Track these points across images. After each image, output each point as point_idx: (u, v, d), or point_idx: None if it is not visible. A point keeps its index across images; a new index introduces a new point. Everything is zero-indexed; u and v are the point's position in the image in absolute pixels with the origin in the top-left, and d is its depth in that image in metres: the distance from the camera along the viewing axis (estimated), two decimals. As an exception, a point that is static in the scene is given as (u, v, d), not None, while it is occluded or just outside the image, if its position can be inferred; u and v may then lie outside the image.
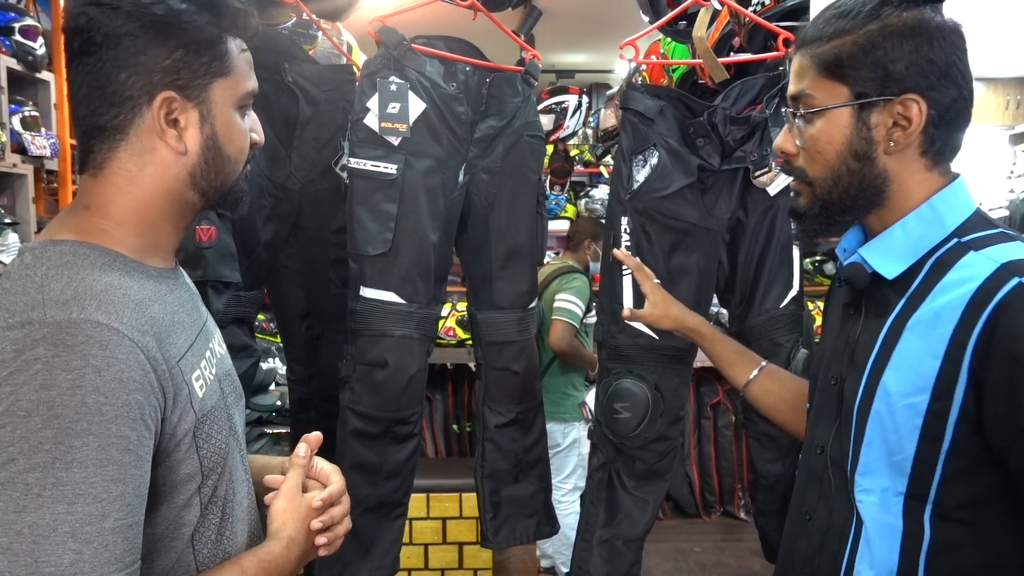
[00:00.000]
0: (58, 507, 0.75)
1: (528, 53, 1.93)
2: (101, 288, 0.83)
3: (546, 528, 2.07)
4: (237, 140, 0.96)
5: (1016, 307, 0.84)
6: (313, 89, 1.85)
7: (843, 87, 0.96)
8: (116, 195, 0.91)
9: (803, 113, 0.99)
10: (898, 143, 0.95)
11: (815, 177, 1.00)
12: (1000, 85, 6.16)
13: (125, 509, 0.79)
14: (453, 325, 3.51)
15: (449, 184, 1.81)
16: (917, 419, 0.91)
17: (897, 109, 0.94)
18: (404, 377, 1.76)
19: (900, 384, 0.92)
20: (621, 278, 1.81)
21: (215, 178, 0.95)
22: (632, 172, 1.81)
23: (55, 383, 0.76)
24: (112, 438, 0.78)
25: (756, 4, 1.84)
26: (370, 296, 1.75)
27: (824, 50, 0.96)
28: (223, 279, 1.64)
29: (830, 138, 0.97)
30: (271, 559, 0.94)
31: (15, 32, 2.93)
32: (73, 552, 0.75)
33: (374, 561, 1.83)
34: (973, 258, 0.91)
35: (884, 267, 0.97)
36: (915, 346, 0.92)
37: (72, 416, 0.76)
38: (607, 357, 1.86)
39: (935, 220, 0.96)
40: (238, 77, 0.94)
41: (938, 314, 0.90)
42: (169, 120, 0.90)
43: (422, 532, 3.25)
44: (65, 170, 3.26)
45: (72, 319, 0.79)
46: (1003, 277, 0.87)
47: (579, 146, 5.77)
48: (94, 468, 0.77)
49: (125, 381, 0.79)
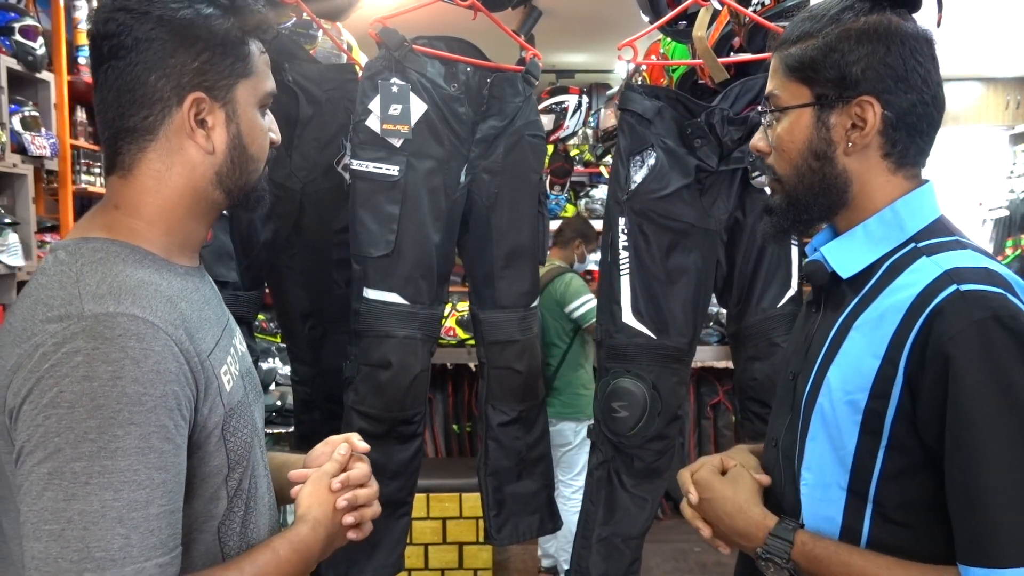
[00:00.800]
0: (105, 494, 0.78)
1: (528, 53, 1.94)
2: (135, 283, 0.86)
3: (549, 525, 2.08)
4: (259, 139, 0.99)
5: (949, 311, 0.86)
6: (314, 88, 1.85)
7: (805, 88, 0.99)
8: (145, 195, 0.94)
9: (771, 112, 1.03)
10: (855, 144, 0.97)
11: (782, 174, 1.03)
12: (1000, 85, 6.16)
13: (167, 496, 0.82)
14: (453, 325, 3.51)
15: (451, 184, 1.81)
16: (857, 416, 0.93)
17: (854, 111, 0.96)
18: (408, 377, 1.77)
19: (842, 381, 0.95)
20: (619, 278, 1.82)
21: (240, 176, 0.98)
22: (630, 173, 1.81)
23: (96, 374, 0.79)
24: (152, 427, 0.81)
25: (756, 4, 1.84)
26: (373, 297, 1.75)
27: (791, 52, 0.99)
28: (219, 279, 1.63)
29: (792, 137, 1.00)
30: (300, 539, 0.97)
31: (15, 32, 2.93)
32: (122, 537, 0.78)
33: (379, 560, 1.84)
34: (923, 263, 0.93)
35: (841, 266, 1.00)
36: (859, 345, 0.94)
37: (114, 406, 0.79)
38: (605, 357, 1.87)
39: (896, 224, 0.98)
40: (259, 78, 0.98)
41: (882, 315, 0.93)
42: (198, 120, 0.93)
43: (422, 532, 3.25)
44: (65, 170, 3.25)
45: (109, 312, 0.81)
46: (943, 283, 0.89)
47: (579, 146, 5.77)
48: (137, 456, 0.79)
49: (162, 372, 0.82)
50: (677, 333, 1.85)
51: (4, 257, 2.81)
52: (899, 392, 0.90)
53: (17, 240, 2.89)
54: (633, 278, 1.82)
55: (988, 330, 0.84)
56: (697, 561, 3.65)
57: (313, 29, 2.25)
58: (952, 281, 0.88)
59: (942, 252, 0.94)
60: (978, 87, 5.94)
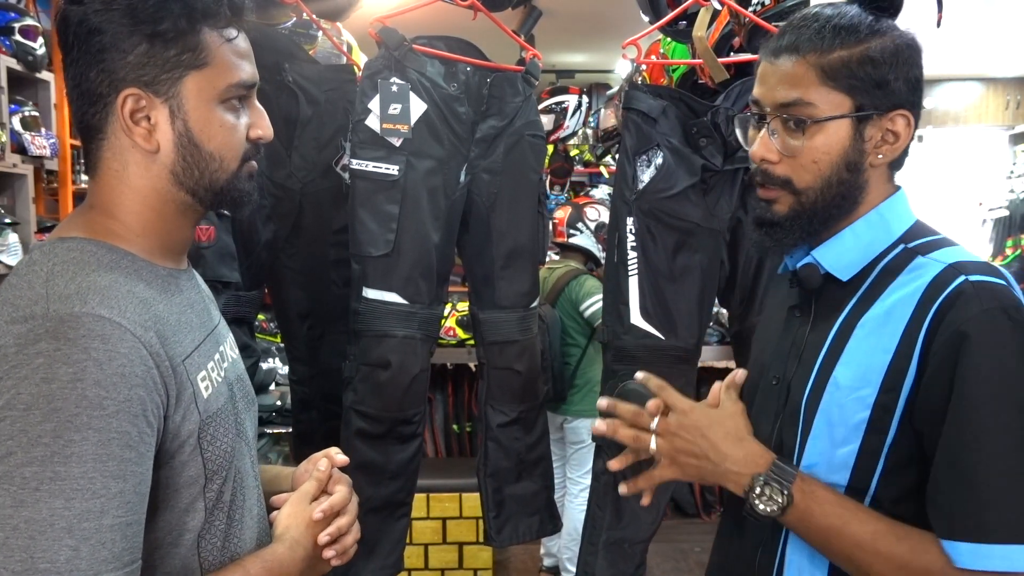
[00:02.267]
0: (55, 502, 0.74)
1: (528, 53, 1.94)
2: (105, 284, 0.82)
3: (549, 526, 2.08)
4: (219, 136, 0.90)
5: (963, 298, 0.88)
6: (313, 89, 1.85)
7: (847, 98, 0.96)
8: (112, 195, 0.90)
9: (802, 122, 0.97)
10: (884, 156, 0.98)
11: (805, 187, 0.99)
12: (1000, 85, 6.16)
13: (125, 507, 0.77)
14: (453, 325, 3.51)
15: (451, 184, 1.81)
16: (864, 412, 0.93)
17: (887, 124, 0.97)
18: (407, 377, 1.77)
19: (850, 379, 0.95)
20: (627, 279, 1.81)
21: (200, 176, 0.90)
22: (636, 172, 1.81)
23: (56, 376, 0.75)
24: (113, 433, 0.76)
25: (756, 4, 1.84)
26: (373, 297, 1.75)
27: (830, 58, 0.95)
28: (222, 279, 1.64)
29: (829, 148, 0.97)
30: (274, 559, 0.93)
31: (15, 32, 2.93)
32: (70, 549, 0.74)
33: (378, 560, 1.84)
34: (921, 261, 0.95)
35: (838, 269, 1.00)
36: (866, 343, 0.95)
37: (72, 410, 0.75)
38: (612, 359, 1.86)
39: (883, 227, 1.00)
40: (218, 69, 0.89)
41: (889, 312, 0.94)
42: (137, 117, 0.87)
43: (422, 532, 3.25)
44: (65, 170, 3.25)
45: (74, 313, 0.77)
46: (950, 275, 0.91)
47: (579, 146, 5.77)
48: (93, 463, 0.75)
49: (127, 376, 0.78)
50: (685, 334, 1.84)
51: (4, 257, 2.81)
52: (910, 383, 0.90)
53: (17, 240, 2.89)
54: (642, 279, 1.80)
55: (997, 319, 0.87)
56: (697, 561, 3.65)
57: (313, 29, 2.25)
58: (959, 272, 0.90)
59: (936, 250, 0.96)
60: (978, 87, 5.94)
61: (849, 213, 1.00)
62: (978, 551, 0.85)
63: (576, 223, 3.47)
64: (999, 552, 0.84)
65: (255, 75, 0.93)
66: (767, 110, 1.00)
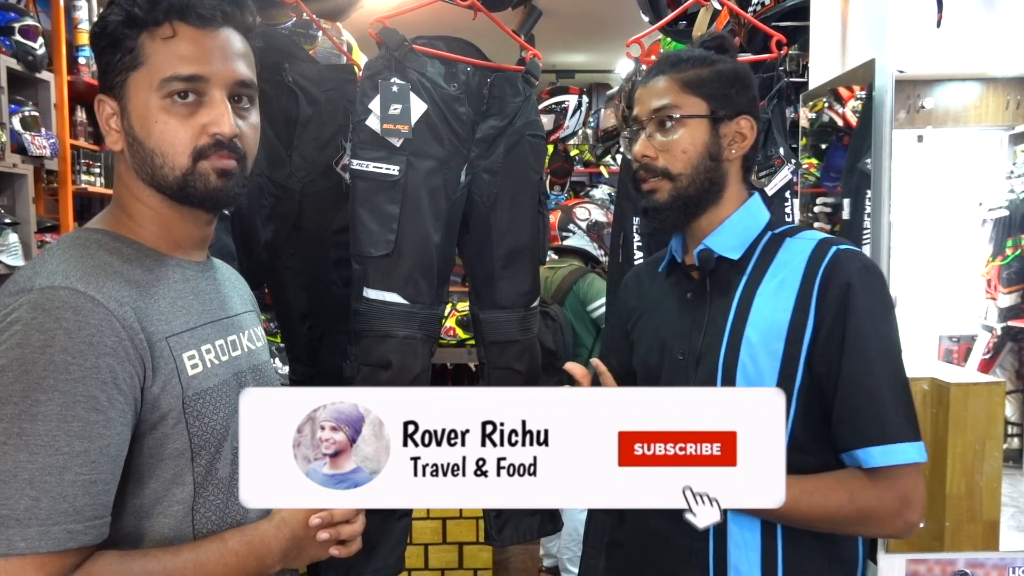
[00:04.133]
0: (20, 455, 0.80)
1: (528, 53, 1.94)
2: (94, 264, 0.90)
3: (549, 526, 2.07)
4: (157, 131, 0.93)
5: (841, 262, 1.14)
6: (313, 89, 1.85)
7: (702, 102, 1.22)
8: (117, 191, 1.01)
9: (670, 120, 1.22)
10: (736, 152, 1.23)
11: (679, 173, 1.22)
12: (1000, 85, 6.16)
13: (89, 465, 0.83)
14: (453, 325, 3.51)
15: (451, 184, 1.81)
16: (775, 363, 1.15)
17: (735, 126, 1.23)
18: (408, 377, 1.77)
19: (760, 336, 1.16)
20: None
21: (153, 172, 0.95)
22: None
23: (29, 342, 0.82)
24: (79, 396, 0.83)
25: (756, 4, 1.84)
26: (373, 297, 1.75)
27: (686, 74, 1.23)
28: (223, 279, 1.64)
29: (694, 140, 1.22)
30: (256, 534, 0.96)
31: (15, 32, 2.93)
32: (30, 499, 0.80)
33: (379, 560, 1.84)
34: (792, 242, 1.21)
35: (727, 250, 1.23)
36: (767, 307, 1.17)
37: (40, 372, 0.81)
38: None
39: (751, 219, 1.25)
40: (152, 66, 0.93)
41: (781, 282, 1.17)
42: (108, 122, 0.98)
43: (422, 532, 3.25)
44: (65, 170, 3.25)
45: (54, 286, 0.85)
46: (824, 247, 1.17)
47: (579, 146, 5.77)
48: (57, 423, 0.82)
49: (95, 345, 0.84)
50: None
51: (4, 257, 2.81)
52: (810, 332, 1.13)
53: (17, 240, 2.88)
54: None
55: (869, 274, 1.14)
56: (697, 561, 3.64)
57: (313, 29, 2.25)
58: (831, 244, 1.17)
59: (799, 233, 1.23)
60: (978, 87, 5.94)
61: (716, 203, 1.24)
62: (887, 451, 1.08)
63: (567, 225, 3.47)
64: (898, 449, 1.08)
65: (205, 70, 0.94)
66: (643, 120, 1.25)
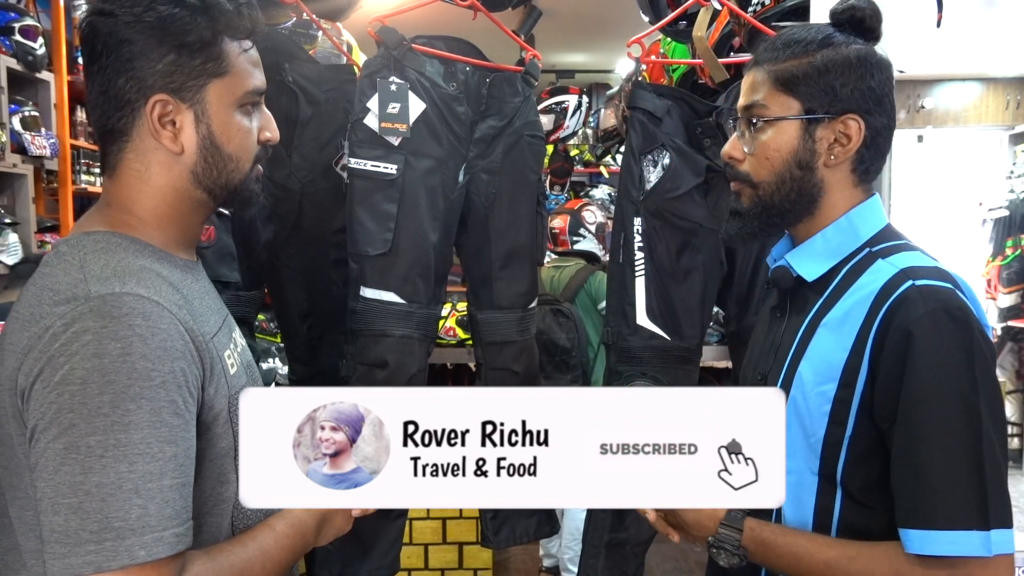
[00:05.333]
0: (120, 466, 0.80)
1: (528, 53, 1.93)
2: (137, 268, 0.89)
3: (546, 528, 2.07)
4: (237, 139, 0.98)
5: (908, 303, 0.96)
6: (313, 89, 1.85)
7: (795, 101, 1.06)
8: (130, 193, 0.97)
9: (757, 121, 1.09)
10: (837, 157, 1.07)
11: (761, 181, 1.09)
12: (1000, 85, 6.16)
13: (179, 469, 0.85)
14: (453, 325, 3.51)
15: (449, 184, 1.81)
16: (826, 406, 1.02)
17: (839, 127, 1.06)
18: (404, 377, 1.76)
19: (813, 374, 1.04)
20: (634, 279, 1.81)
21: (218, 176, 0.98)
22: (643, 172, 1.80)
23: (106, 351, 0.81)
24: (163, 402, 0.83)
25: (756, 4, 1.84)
26: (370, 296, 1.75)
27: (780, 67, 1.07)
28: (222, 279, 1.64)
29: (779, 146, 1.07)
30: (294, 516, 0.99)
31: (15, 32, 2.94)
32: (139, 507, 0.81)
33: (374, 561, 1.83)
34: (880, 265, 1.04)
35: (805, 270, 1.09)
36: (827, 341, 1.04)
37: (125, 381, 0.81)
38: (616, 360, 1.85)
39: (851, 231, 1.09)
40: (237, 77, 0.97)
41: (847, 313, 1.02)
42: (164, 122, 0.94)
43: (422, 532, 3.25)
44: (65, 170, 3.26)
45: (115, 292, 0.84)
46: (900, 280, 0.99)
47: (579, 146, 5.77)
48: (149, 430, 0.82)
49: (169, 349, 0.85)
50: (689, 334, 1.84)
51: (4, 257, 2.81)
52: (864, 379, 0.99)
53: (17, 240, 2.89)
54: (648, 279, 1.80)
55: (939, 320, 0.95)
56: (697, 561, 3.65)
57: (313, 29, 2.25)
58: (908, 278, 0.99)
59: (895, 254, 1.04)
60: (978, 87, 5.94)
61: (811, 213, 1.09)
62: (925, 537, 0.92)
63: (578, 229, 3.50)
64: (945, 538, 0.91)
65: (264, 82, 1.02)
66: (737, 115, 1.13)
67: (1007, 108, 5.97)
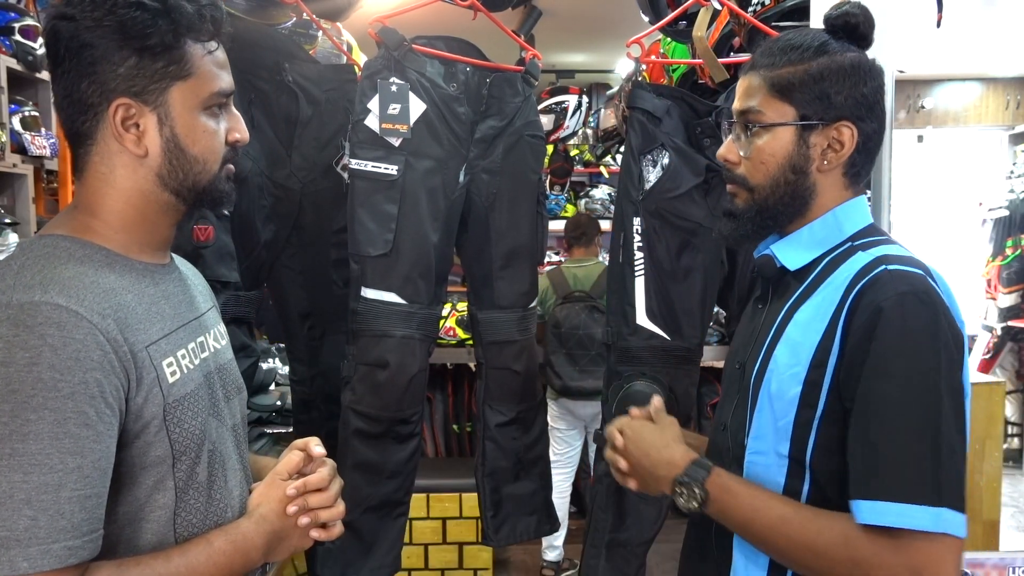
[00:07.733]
0: (14, 476, 0.80)
1: (528, 53, 1.94)
2: (70, 275, 0.88)
3: (546, 526, 2.08)
4: (203, 140, 0.98)
5: (879, 284, 0.99)
6: (314, 89, 1.85)
7: (790, 108, 1.08)
8: (96, 195, 0.97)
9: (753, 126, 1.11)
10: (830, 162, 1.09)
11: (756, 184, 1.12)
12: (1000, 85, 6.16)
13: (82, 480, 0.83)
14: (453, 325, 3.51)
15: (450, 184, 1.81)
16: (797, 387, 1.03)
17: (833, 133, 1.08)
18: (405, 377, 1.77)
19: (786, 357, 1.06)
20: (634, 279, 1.81)
21: (184, 178, 0.97)
22: (643, 172, 1.80)
23: (13, 360, 0.81)
24: (69, 413, 0.82)
25: (756, 4, 1.84)
26: (371, 297, 1.75)
27: (777, 74, 1.09)
28: (221, 279, 1.64)
29: (774, 151, 1.10)
30: (238, 532, 0.98)
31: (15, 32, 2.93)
32: (29, 518, 0.80)
33: (375, 560, 1.84)
34: (858, 255, 1.06)
35: (788, 259, 1.13)
36: (802, 326, 1.06)
37: (28, 391, 0.81)
38: (616, 360, 1.85)
39: (836, 226, 1.11)
40: (201, 79, 0.96)
41: (824, 298, 1.05)
42: (127, 125, 0.94)
43: (422, 532, 3.25)
44: (65, 170, 3.25)
45: (33, 301, 0.84)
46: (874, 264, 1.02)
47: (579, 146, 5.76)
48: (50, 441, 0.81)
49: (82, 360, 0.84)
50: (689, 334, 1.84)
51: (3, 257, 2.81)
52: (835, 359, 1.00)
53: (17, 240, 2.88)
54: (648, 279, 1.81)
55: (907, 301, 0.97)
56: (697, 561, 3.64)
57: (313, 29, 2.25)
58: (881, 263, 1.01)
59: (874, 247, 1.07)
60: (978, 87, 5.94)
61: (802, 214, 1.12)
62: (874, 507, 0.92)
63: None
64: (893, 509, 0.91)
65: (232, 83, 1.01)
66: (732, 119, 1.15)
67: (1007, 108, 5.97)
